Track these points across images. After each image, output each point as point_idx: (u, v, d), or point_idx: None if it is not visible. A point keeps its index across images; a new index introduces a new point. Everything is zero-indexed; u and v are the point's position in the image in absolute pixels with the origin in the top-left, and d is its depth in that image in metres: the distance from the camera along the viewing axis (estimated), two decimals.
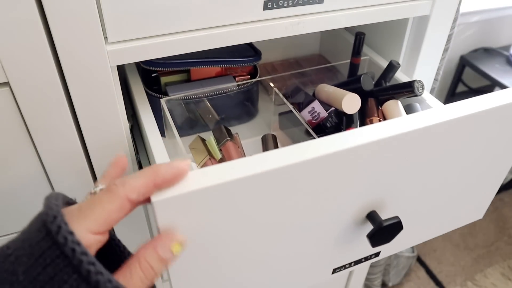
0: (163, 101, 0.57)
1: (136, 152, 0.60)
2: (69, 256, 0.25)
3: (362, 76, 0.61)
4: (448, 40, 0.72)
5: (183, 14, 0.44)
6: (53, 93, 0.44)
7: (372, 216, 0.42)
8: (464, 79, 1.30)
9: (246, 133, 0.67)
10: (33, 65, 0.41)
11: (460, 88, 1.32)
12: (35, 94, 0.43)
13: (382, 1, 0.54)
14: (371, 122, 0.57)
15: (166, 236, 0.30)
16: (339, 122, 0.61)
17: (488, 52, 1.28)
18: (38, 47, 0.40)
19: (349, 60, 0.67)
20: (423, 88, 0.55)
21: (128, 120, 0.53)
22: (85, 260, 0.26)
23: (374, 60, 0.69)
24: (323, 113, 0.60)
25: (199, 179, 0.30)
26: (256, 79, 0.68)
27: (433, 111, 0.39)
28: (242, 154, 0.55)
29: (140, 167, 0.61)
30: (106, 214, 0.28)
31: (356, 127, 0.58)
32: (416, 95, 0.56)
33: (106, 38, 0.42)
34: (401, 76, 0.65)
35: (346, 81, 0.65)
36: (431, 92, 0.74)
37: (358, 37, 0.64)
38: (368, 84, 0.61)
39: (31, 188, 0.52)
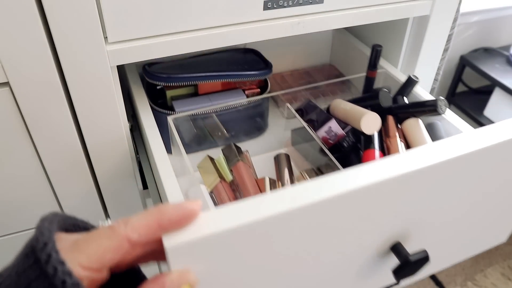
0: (170, 119, 0.54)
1: (136, 152, 0.60)
2: None
3: (380, 92, 0.57)
4: (448, 40, 0.72)
5: (183, 14, 0.44)
6: (53, 93, 0.44)
7: (397, 249, 0.39)
8: (464, 79, 1.30)
9: (256, 149, 0.64)
10: (33, 65, 0.41)
11: (460, 88, 1.32)
12: (35, 94, 0.43)
13: (382, 1, 0.54)
14: (391, 142, 0.54)
15: (177, 276, 0.27)
16: (357, 141, 0.57)
17: (488, 52, 1.28)
18: (38, 47, 0.40)
19: (361, 72, 0.64)
20: (446, 107, 0.52)
21: (128, 120, 0.53)
22: None
23: (390, 73, 0.67)
24: (340, 132, 0.56)
25: (216, 220, 0.28)
26: (267, 94, 0.64)
27: (463, 138, 0.36)
28: (253, 175, 0.53)
29: (140, 167, 0.61)
30: (101, 251, 0.26)
31: (375, 148, 0.55)
32: (439, 114, 0.53)
33: (106, 38, 0.42)
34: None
35: (363, 96, 0.61)
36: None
37: (375, 50, 0.60)
38: (386, 101, 0.57)
39: (31, 188, 0.51)
